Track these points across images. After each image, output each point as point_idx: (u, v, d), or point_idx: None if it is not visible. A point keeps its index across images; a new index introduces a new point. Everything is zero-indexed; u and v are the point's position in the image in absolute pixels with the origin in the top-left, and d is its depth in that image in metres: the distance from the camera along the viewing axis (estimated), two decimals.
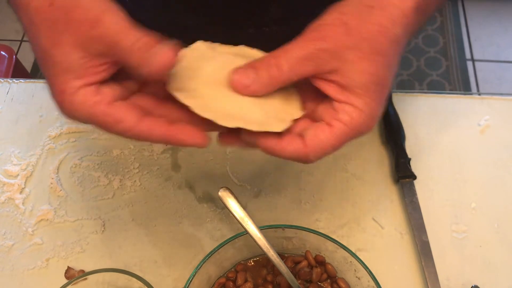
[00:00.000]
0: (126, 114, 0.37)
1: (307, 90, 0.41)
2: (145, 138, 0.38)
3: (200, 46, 0.42)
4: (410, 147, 0.64)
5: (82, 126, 0.67)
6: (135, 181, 0.63)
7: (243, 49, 0.44)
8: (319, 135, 0.38)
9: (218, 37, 0.51)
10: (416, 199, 0.60)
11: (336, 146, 0.39)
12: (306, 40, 0.37)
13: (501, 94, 0.70)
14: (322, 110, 0.40)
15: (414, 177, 0.62)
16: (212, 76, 0.40)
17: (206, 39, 0.43)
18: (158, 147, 0.66)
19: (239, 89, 0.38)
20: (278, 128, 0.38)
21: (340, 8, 0.38)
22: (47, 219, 0.61)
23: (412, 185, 0.61)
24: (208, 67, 0.40)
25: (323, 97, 0.40)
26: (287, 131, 0.39)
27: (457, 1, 2.05)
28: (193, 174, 0.64)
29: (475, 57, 1.93)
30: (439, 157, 0.65)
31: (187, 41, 0.50)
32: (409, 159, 0.63)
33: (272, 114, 0.39)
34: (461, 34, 1.98)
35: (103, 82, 0.37)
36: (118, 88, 0.38)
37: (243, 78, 0.38)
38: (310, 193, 0.62)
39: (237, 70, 0.38)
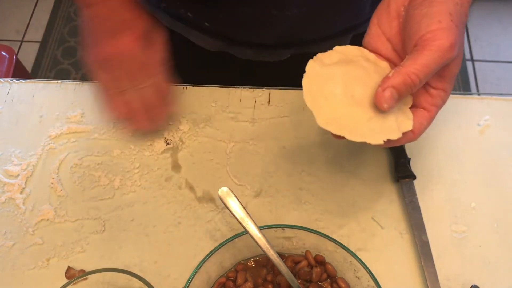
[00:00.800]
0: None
1: None
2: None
3: (313, 67, 0.48)
4: (410, 147, 0.65)
5: (82, 126, 0.67)
6: (135, 181, 0.63)
7: (344, 52, 0.50)
8: (423, 122, 0.47)
9: (240, 17, 0.57)
10: (416, 199, 0.60)
11: (431, 123, 0.48)
12: (438, 51, 0.43)
13: (501, 94, 0.70)
14: (419, 97, 0.47)
15: (414, 177, 0.62)
16: (340, 100, 0.47)
17: (228, 16, 0.47)
18: (158, 147, 0.66)
19: (383, 109, 0.45)
20: (395, 137, 0.46)
21: (439, 9, 0.44)
22: (48, 219, 0.61)
23: (412, 185, 0.61)
24: (335, 90, 0.47)
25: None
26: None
27: None
28: (193, 174, 0.64)
29: (475, 57, 1.93)
30: (439, 157, 0.65)
31: (208, 13, 0.66)
32: (409, 159, 0.63)
33: (390, 125, 0.47)
34: None
35: None
36: None
37: (389, 100, 0.44)
38: (310, 193, 0.62)
39: (380, 92, 0.44)
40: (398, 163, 0.62)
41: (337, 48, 0.50)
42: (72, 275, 0.56)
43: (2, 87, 0.72)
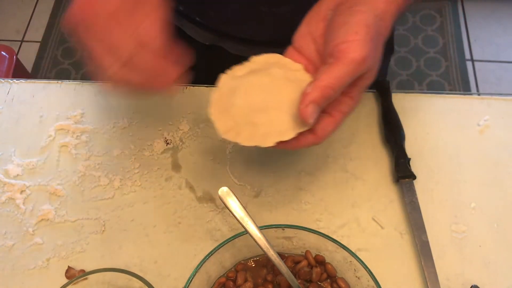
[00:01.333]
0: None
1: None
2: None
3: (225, 81, 0.52)
4: (410, 147, 0.65)
5: (82, 126, 0.67)
6: (135, 181, 0.63)
7: (259, 61, 0.53)
8: (326, 128, 0.48)
9: (229, 12, 0.56)
10: (416, 199, 0.60)
11: (336, 129, 0.49)
12: (354, 64, 0.45)
13: (501, 94, 0.70)
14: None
15: (414, 177, 0.62)
16: (240, 109, 0.50)
17: (217, 11, 0.47)
18: (158, 147, 0.66)
19: (308, 123, 0.46)
20: (288, 137, 0.48)
21: (363, 21, 0.45)
22: (48, 219, 0.61)
23: (412, 185, 0.61)
24: (236, 100, 0.50)
25: None
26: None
27: (457, 1, 2.05)
28: (193, 174, 0.64)
29: (475, 57, 1.93)
30: (438, 157, 0.65)
31: (198, 8, 0.64)
32: (409, 159, 0.63)
33: (286, 127, 0.48)
34: (461, 35, 1.98)
35: None
36: None
37: (314, 115, 0.45)
38: (310, 193, 0.62)
39: (303, 107, 0.45)
40: (398, 163, 0.62)
41: (253, 58, 0.53)
42: (72, 275, 0.56)
43: (2, 87, 0.72)
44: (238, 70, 0.53)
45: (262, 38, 0.69)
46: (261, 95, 0.50)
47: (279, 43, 0.70)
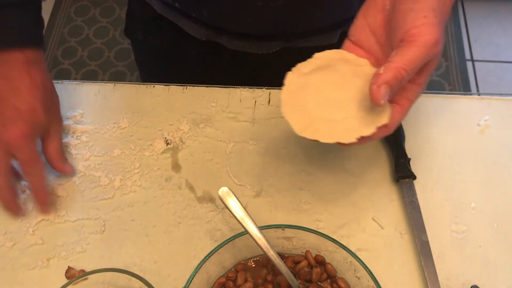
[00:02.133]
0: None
1: None
2: None
3: (292, 79, 0.52)
4: (410, 147, 0.65)
5: (82, 126, 0.67)
6: (135, 181, 0.63)
7: (323, 57, 0.53)
8: (396, 117, 0.48)
9: (226, 7, 0.57)
10: (416, 199, 0.60)
11: (405, 117, 0.49)
12: (425, 47, 0.45)
13: (501, 94, 0.70)
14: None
15: (414, 177, 0.62)
16: (314, 106, 0.50)
17: (213, 5, 0.49)
18: (158, 147, 0.66)
19: (378, 104, 0.45)
20: (368, 132, 0.48)
21: (425, 6, 0.46)
22: (48, 219, 0.61)
23: (412, 185, 0.61)
24: (309, 97, 0.50)
25: None
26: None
27: (457, 1, 2.05)
28: (193, 174, 0.64)
29: (475, 57, 1.93)
30: (439, 157, 0.65)
31: (195, 7, 0.66)
32: (409, 159, 0.63)
33: (365, 122, 0.49)
34: (461, 35, 1.98)
35: None
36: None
37: (384, 96, 0.45)
38: (310, 193, 0.62)
39: (374, 87, 0.45)
40: (398, 163, 0.62)
41: (316, 55, 0.53)
42: (72, 275, 0.56)
43: None
44: (303, 67, 0.52)
45: (259, 32, 0.69)
46: (333, 92, 0.50)
47: (273, 37, 0.71)
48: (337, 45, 0.55)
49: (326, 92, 0.50)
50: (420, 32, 0.44)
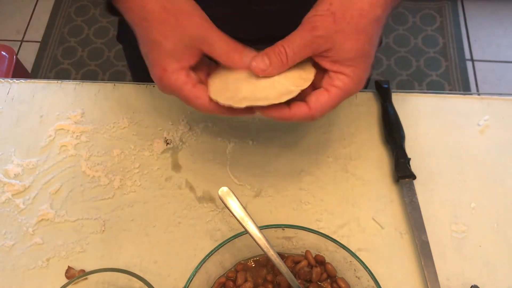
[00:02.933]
0: (203, 94, 0.50)
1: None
2: (212, 113, 0.51)
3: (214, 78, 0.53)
4: (410, 147, 0.65)
5: (82, 126, 0.67)
6: (135, 181, 0.63)
7: None
8: (320, 99, 0.49)
9: (221, 11, 0.57)
10: (416, 199, 0.60)
11: (333, 106, 0.49)
12: (304, 30, 0.48)
13: (501, 94, 0.70)
14: (320, 80, 0.50)
15: (414, 177, 0.62)
16: (237, 75, 0.51)
17: (207, 9, 0.52)
18: (158, 147, 0.66)
19: (257, 72, 0.49)
20: (282, 99, 0.48)
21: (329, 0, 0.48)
22: (48, 219, 0.61)
23: (412, 185, 0.61)
24: (235, 73, 0.51)
25: (323, 71, 0.50)
26: (296, 99, 0.49)
27: (457, 1, 2.05)
28: (193, 174, 0.64)
29: (475, 57, 1.93)
30: (438, 157, 0.65)
31: None
32: (409, 159, 0.63)
33: (282, 90, 0.48)
34: (461, 35, 1.98)
35: (192, 68, 0.51)
36: (200, 74, 0.52)
37: (260, 64, 0.49)
38: (310, 193, 0.62)
39: (254, 58, 0.49)
40: (398, 163, 0.62)
41: None
42: (72, 275, 0.56)
43: (2, 87, 0.72)
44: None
45: (252, 37, 0.69)
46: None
47: (265, 40, 0.71)
48: None
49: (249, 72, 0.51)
50: (314, 21, 0.47)
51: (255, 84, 0.49)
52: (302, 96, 0.49)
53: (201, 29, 0.50)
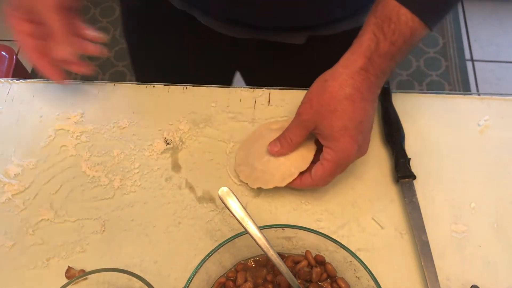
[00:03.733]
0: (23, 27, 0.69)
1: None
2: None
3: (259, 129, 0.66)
4: (410, 147, 0.65)
5: (82, 126, 0.68)
6: (135, 181, 0.63)
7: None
8: (317, 172, 0.58)
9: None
10: (416, 199, 0.60)
11: (330, 175, 0.58)
12: (295, 118, 0.58)
13: (501, 94, 0.70)
14: (318, 154, 0.59)
15: (414, 177, 0.62)
16: (257, 150, 0.63)
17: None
18: (158, 147, 0.66)
19: (273, 153, 0.60)
20: (283, 184, 0.60)
21: (310, 88, 0.57)
22: (48, 219, 0.61)
23: (412, 185, 0.61)
24: (257, 147, 0.63)
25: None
26: (307, 170, 0.60)
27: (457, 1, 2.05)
28: (193, 174, 0.64)
29: (475, 57, 1.93)
30: (439, 157, 0.65)
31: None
32: (409, 159, 0.63)
33: (286, 172, 0.60)
34: (461, 35, 1.98)
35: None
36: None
37: (274, 148, 0.60)
38: (310, 193, 0.62)
39: (270, 143, 0.61)
40: (398, 163, 0.62)
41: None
42: (72, 275, 0.56)
43: (2, 87, 0.72)
44: (274, 124, 0.65)
45: (271, 24, 0.69)
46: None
47: (302, 28, 0.72)
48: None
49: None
50: (300, 108, 0.57)
51: (266, 164, 0.61)
52: (311, 167, 0.59)
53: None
